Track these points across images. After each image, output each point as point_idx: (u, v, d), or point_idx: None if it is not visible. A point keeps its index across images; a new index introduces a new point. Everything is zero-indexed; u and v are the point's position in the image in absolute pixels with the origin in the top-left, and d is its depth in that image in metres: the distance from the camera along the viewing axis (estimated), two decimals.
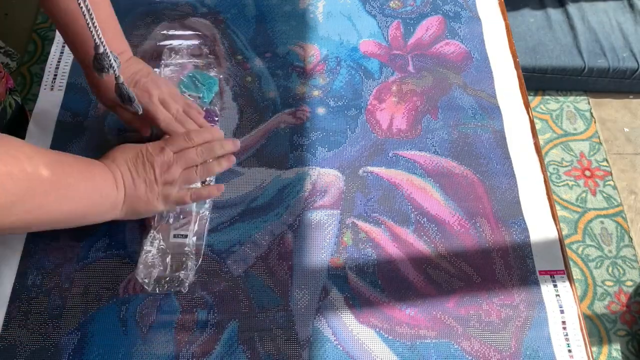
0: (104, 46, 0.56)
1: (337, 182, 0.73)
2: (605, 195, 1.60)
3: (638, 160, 1.67)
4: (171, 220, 0.67)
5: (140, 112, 0.65)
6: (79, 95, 0.78)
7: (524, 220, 0.71)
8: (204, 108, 0.75)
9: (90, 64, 0.59)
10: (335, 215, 0.70)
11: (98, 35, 0.55)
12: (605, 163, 1.65)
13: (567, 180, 1.62)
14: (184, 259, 0.65)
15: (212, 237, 0.68)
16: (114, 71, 0.58)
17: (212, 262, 0.67)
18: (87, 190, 0.57)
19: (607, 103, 1.76)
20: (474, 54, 0.84)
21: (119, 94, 0.62)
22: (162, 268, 0.64)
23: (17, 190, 0.49)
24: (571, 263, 1.37)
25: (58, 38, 0.84)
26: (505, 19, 0.88)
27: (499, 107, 0.79)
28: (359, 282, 0.66)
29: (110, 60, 0.57)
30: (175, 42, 0.83)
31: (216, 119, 0.76)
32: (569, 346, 0.64)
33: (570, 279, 0.68)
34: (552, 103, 1.75)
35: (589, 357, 0.63)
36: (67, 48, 0.83)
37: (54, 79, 0.80)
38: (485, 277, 0.67)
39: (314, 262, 0.67)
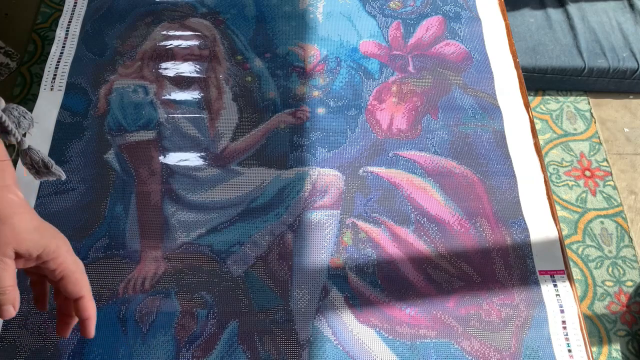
0: None
1: (337, 182, 0.73)
2: (605, 195, 1.59)
3: (638, 160, 1.67)
4: None
5: (64, 177, 0.46)
6: (78, 95, 0.78)
7: (524, 220, 0.71)
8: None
9: None
10: (335, 215, 0.70)
11: None
12: (605, 163, 1.65)
13: (567, 180, 1.61)
14: None
15: (212, 237, 0.68)
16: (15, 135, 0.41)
17: (212, 262, 0.67)
18: None
19: (607, 103, 1.76)
20: (474, 54, 0.84)
21: (31, 164, 0.43)
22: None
23: None
24: (571, 263, 1.37)
25: (58, 38, 0.84)
26: (505, 19, 0.88)
27: (499, 107, 0.79)
28: (359, 282, 0.66)
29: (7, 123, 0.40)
30: (175, 42, 0.83)
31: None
32: (569, 346, 0.64)
33: (570, 279, 0.68)
34: (552, 103, 1.75)
35: (589, 357, 0.63)
36: (67, 48, 0.83)
37: (54, 79, 0.80)
38: (485, 277, 0.67)
39: (314, 262, 0.67)
